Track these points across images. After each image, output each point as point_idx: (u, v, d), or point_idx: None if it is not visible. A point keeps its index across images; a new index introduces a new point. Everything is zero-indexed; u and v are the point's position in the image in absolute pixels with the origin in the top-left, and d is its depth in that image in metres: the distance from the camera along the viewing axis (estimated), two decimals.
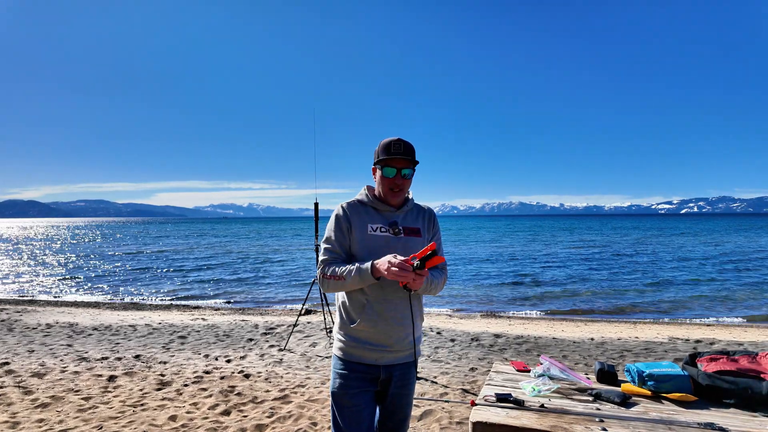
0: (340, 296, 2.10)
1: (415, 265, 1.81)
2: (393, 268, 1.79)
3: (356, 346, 2.01)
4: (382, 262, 1.84)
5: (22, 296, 13.44)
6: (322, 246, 2.07)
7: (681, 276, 16.63)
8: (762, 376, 2.03)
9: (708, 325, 9.16)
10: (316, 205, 5.98)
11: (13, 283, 16.69)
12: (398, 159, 2.02)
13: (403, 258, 1.82)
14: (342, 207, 2.09)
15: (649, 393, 2.10)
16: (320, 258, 2.05)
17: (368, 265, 1.88)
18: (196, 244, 38.52)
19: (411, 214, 2.16)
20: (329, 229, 2.08)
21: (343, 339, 2.06)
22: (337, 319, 2.14)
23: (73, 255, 28.66)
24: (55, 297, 13.33)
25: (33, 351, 6.22)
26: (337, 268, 1.95)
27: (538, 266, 20.18)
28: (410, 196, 2.19)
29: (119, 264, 22.99)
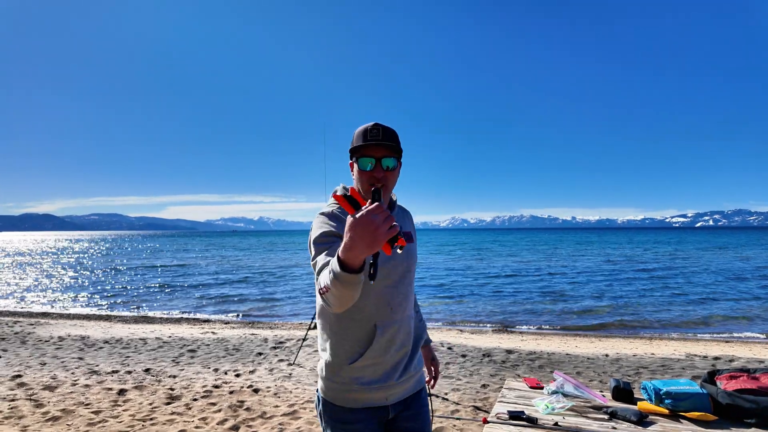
0: (329, 324, 1.61)
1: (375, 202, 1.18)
2: (380, 225, 1.11)
3: (360, 389, 1.57)
4: (350, 242, 1.14)
5: (36, 309, 13.61)
6: (314, 266, 1.46)
7: (711, 293, 16.29)
8: None
9: (727, 342, 8.91)
10: None
11: (27, 295, 16.92)
12: (375, 146, 1.53)
13: (366, 209, 1.14)
14: (325, 214, 1.58)
15: (666, 411, 2.04)
16: (315, 272, 1.45)
17: (335, 263, 1.20)
18: (207, 258, 38.80)
19: (399, 218, 1.75)
20: (316, 238, 1.52)
21: (338, 382, 1.59)
22: (325, 356, 1.63)
23: (85, 268, 29.03)
24: (67, 310, 13.47)
25: (45, 364, 6.27)
26: (321, 278, 1.33)
27: (555, 281, 19.92)
28: (395, 198, 1.77)
29: (130, 277, 23.22)
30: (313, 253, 1.52)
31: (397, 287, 1.63)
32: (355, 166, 1.59)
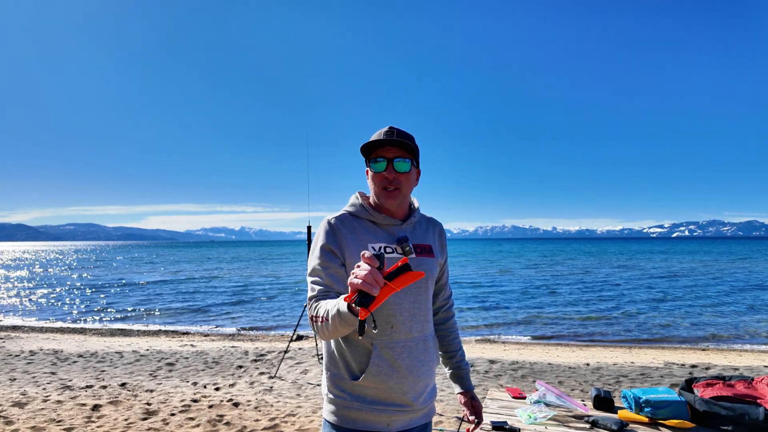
0: (329, 342, 1.53)
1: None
2: (355, 270, 1.13)
3: (360, 407, 1.45)
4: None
5: (5, 322, 13.12)
6: (309, 280, 1.48)
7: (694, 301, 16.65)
8: (758, 401, 2.00)
9: (703, 350, 9.11)
10: (309, 228, 5.96)
11: None
12: (387, 146, 1.48)
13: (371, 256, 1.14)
14: (329, 222, 1.51)
15: (646, 420, 2.07)
16: (308, 295, 1.46)
17: (342, 304, 1.23)
18: (185, 269, 38.08)
19: (420, 228, 1.62)
20: (314, 255, 1.49)
21: (338, 398, 1.48)
22: (327, 372, 1.53)
23: (58, 280, 28.18)
24: (39, 323, 13.02)
25: (15, 379, 6.03)
26: (321, 307, 1.34)
27: (541, 291, 20.11)
28: (416, 205, 1.66)
29: (105, 289, 22.61)
30: (308, 270, 1.49)
31: (401, 303, 1.47)
32: (369, 171, 1.53)
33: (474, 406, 1.72)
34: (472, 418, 1.70)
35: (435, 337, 1.64)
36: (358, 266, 1.12)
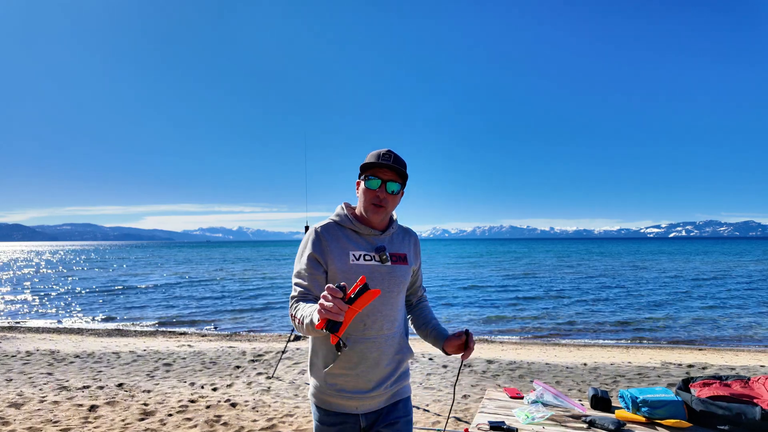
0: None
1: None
2: (321, 301, 1.28)
3: (332, 394, 1.70)
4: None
5: (2, 323, 13.06)
6: (293, 281, 1.70)
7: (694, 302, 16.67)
8: (755, 401, 2.01)
9: (700, 350, 9.14)
10: (307, 228, 5.95)
11: None
12: (385, 169, 1.70)
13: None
14: (316, 231, 1.73)
15: (643, 419, 2.08)
16: (291, 294, 1.69)
17: (315, 316, 1.38)
18: (182, 269, 37.99)
19: (397, 238, 1.84)
20: (300, 261, 1.71)
21: (317, 383, 1.75)
22: (309, 360, 1.82)
23: (55, 280, 28.07)
24: (36, 323, 12.98)
25: (11, 380, 6.00)
26: (299, 310, 1.55)
27: (543, 292, 20.14)
28: (395, 218, 1.88)
29: (102, 289, 22.54)
30: (294, 271, 1.70)
31: (375, 305, 1.66)
32: (362, 184, 1.74)
33: (466, 339, 1.72)
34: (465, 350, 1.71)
35: (405, 335, 1.81)
36: (324, 296, 1.28)
